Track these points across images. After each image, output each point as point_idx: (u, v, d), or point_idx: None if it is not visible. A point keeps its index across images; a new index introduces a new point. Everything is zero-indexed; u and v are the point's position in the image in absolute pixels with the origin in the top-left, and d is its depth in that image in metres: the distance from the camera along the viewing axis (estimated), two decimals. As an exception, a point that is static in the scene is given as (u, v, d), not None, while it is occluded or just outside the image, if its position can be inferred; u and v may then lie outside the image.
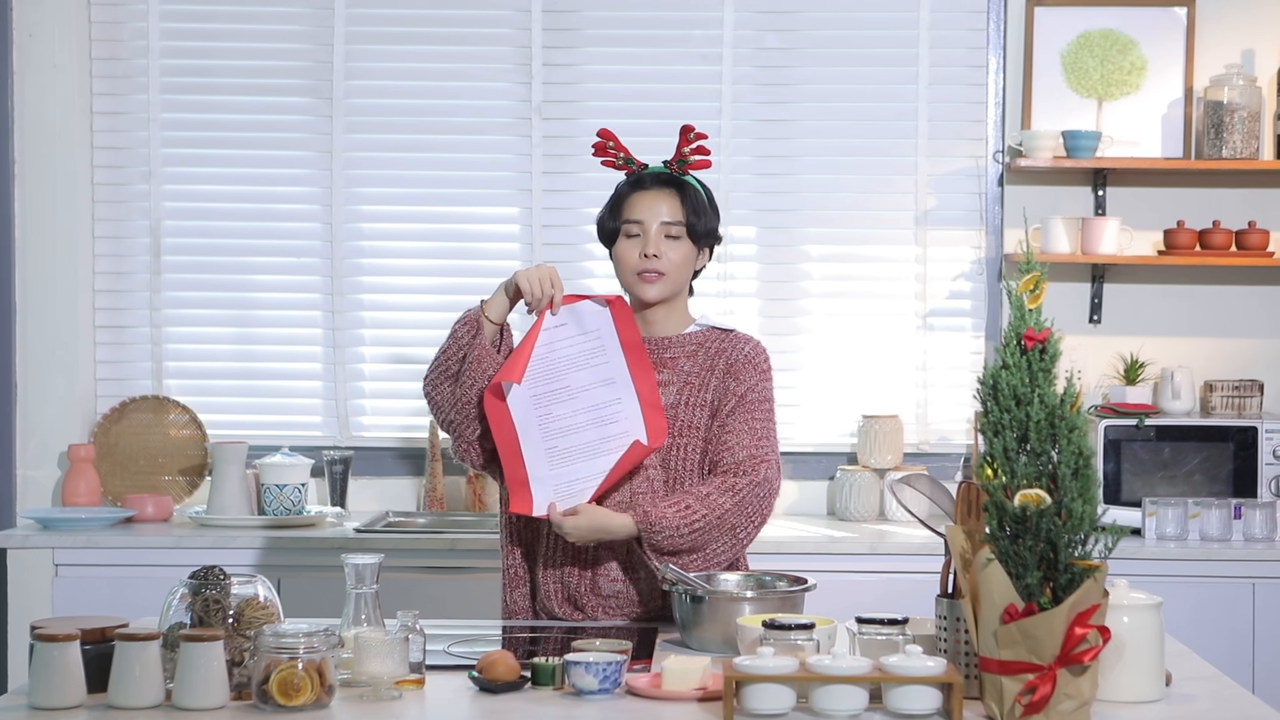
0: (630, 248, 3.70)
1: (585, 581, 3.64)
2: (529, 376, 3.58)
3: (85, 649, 2.87)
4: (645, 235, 3.68)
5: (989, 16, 5.60)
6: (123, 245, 5.71)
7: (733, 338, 3.78)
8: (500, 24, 5.68)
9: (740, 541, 3.63)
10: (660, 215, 3.69)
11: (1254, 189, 5.55)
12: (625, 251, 3.71)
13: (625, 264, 3.71)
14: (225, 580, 2.97)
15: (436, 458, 5.58)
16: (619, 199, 3.74)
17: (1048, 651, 2.72)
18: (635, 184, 3.74)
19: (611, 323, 3.62)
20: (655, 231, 3.68)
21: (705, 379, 3.72)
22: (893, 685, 2.79)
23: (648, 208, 3.70)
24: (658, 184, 3.73)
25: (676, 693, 2.94)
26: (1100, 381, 5.57)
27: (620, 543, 3.62)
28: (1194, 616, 4.97)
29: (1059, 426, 2.77)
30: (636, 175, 3.76)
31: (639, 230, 3.69)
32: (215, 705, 2.82)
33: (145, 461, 5.60)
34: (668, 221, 3.69)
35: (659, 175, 3.75)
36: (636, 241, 3.70)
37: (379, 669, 2.91)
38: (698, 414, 3.70)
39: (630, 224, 3.70)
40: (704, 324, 3.79)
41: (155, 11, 5.67)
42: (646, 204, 3.70)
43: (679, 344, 3.74)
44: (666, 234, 3.69)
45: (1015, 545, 2.75)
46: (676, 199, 3.71)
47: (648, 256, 3.67)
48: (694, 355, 3.73)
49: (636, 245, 3.69)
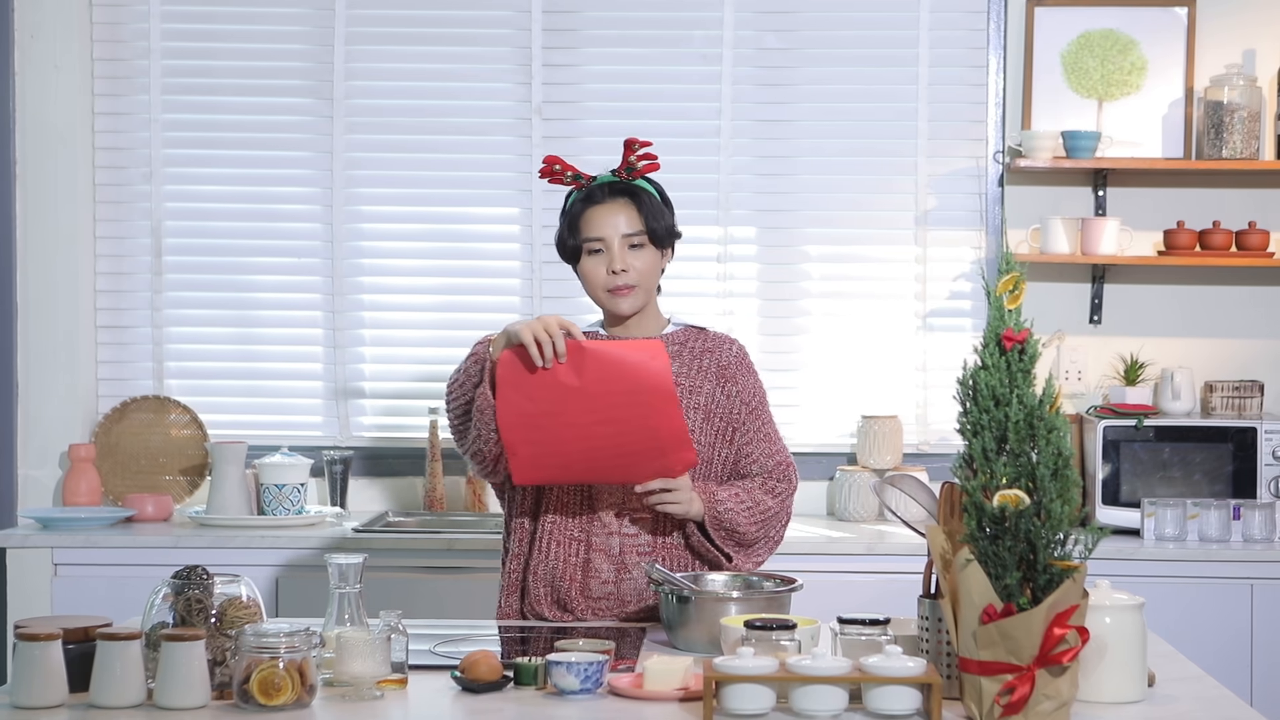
0: (596, 264, 3.66)
1: (575, 585, 3.64)
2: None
3: (68, 648, 2.88)
4: (609, 250, 3.64)
5: (989, 16, 5.59)
6: (124, 245, 5.73)
7: (713, 338, 3.79)
8: (500, 24, 5.69)
9: (774, 543, 3.68)
10: (620, 228, 3.64)
11: (1254, 189, 5.54)
12: (591, 269, 3.67)
13: (594, 281, 3.67)
14: (208, 580, 2.98)
15: (436, 458, 5.59)
16: (574, 216, 3.67)
17: (1026, 652, 2.72)
18: (588, 198, 3.68)
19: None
20: (618, 245, 3.64)
21: (697, 382, 3.72)
22: (872, 685, 2.79)
23: (607, 222, 3.65)
24: (612, 195, 3.67)
25: (658, 693, 2.94)
26: (1100, 382, 5.57)
27: (613, 543, 3.63)
28: (1192, 617, 4.96)
29: (1038, 427, 2.76)
30: (587, 189, 3.69)
31: (601, 246, 3.65)
32: (196, 705, 2.82)
33: (146, 461, 5.61)
34: (628, 233, 3.65)
35: (612, 186, 3.68)
36: (601, 258, 3.65)
37: (361, 669, 2.91)
38: (692, 418, 3.70)
39: (592, 241, 3.65)
40: (679, 323, 3.80)
41: (156, 12, 5.68)
42: (604, 218, 3.65)
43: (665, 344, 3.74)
44: (630, 244, 3.65)
45: (994, 546, 2.74)
46: (633, 207, 3.66)
47: (616, 273, 3.64)
48: (679, 356, 3.73)
49: (602, 261, 3.65)
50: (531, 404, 3.43)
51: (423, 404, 5.65)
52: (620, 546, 3.64)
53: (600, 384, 3.44)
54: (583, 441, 3.46)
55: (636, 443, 3.48)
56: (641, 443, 3.48)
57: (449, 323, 5.73)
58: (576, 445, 3.47)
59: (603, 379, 3.43)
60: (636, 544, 3.65)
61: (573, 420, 3.44)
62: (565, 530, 3.66)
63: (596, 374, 3.43)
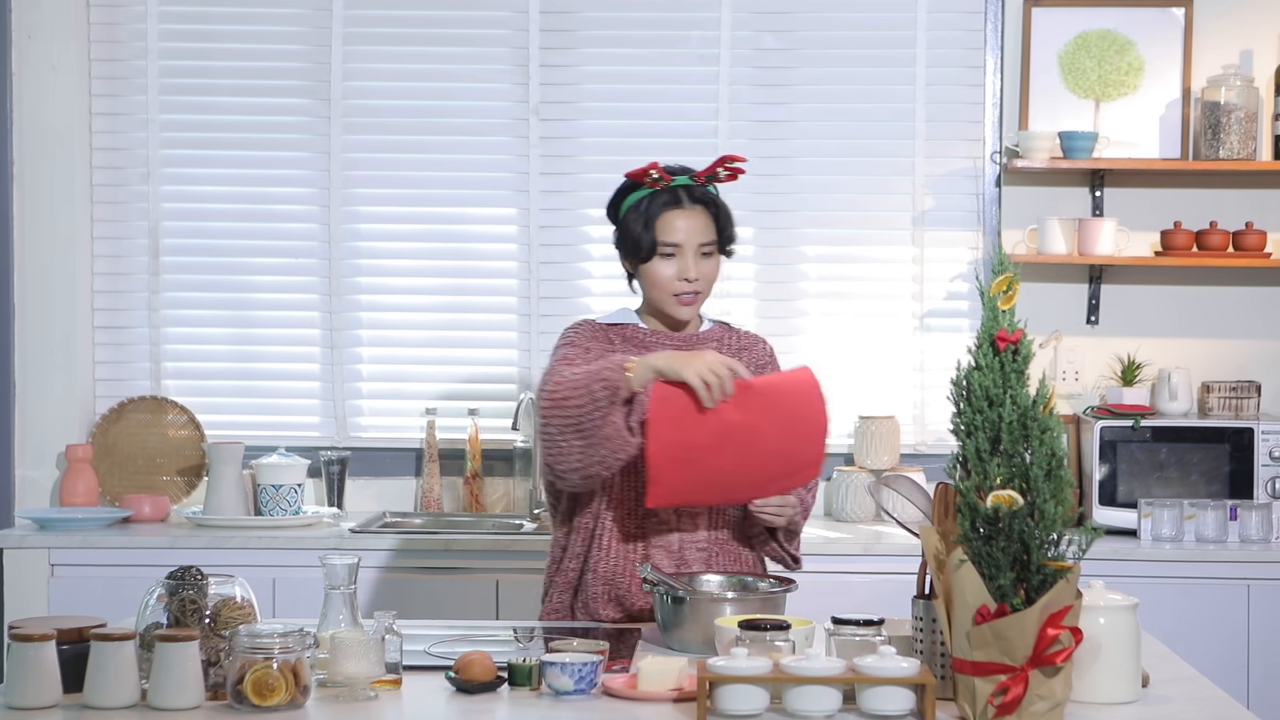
0: (666, 267, 3.66)
1: (636, 582, 3.64)
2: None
3: (62, 649, 2.89)
4: (683, 257, 3.66)
5: (986, 17, 5.59)
6: (121, 246, 5.73)
7: (744, 336, 3.86)
8: (498, 25, 5.69)
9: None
10: (697, 237, 3.66)
11: (1251, 190, 5.54)
12: (661, 271, 3.67)
13: (660, 283, 3.68)
14: (202, 580, 2.98)
15: (434, 458, 5.59)
16: (652, 216, 3.66)
17: (1020, 652, 2.72)
18: (670, 201, 3.67)
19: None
20: (693, 252, 3.66)
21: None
22: (866, 686, 2.79)
23: (685, 229, 3.66)
24: (692, 201, 3.67)
25: (652, 693, 2.94)
26: (1097, 382, 5.57)
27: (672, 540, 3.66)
28: (1189, 618, 4.96)
29: (1031, 428, 2.77)
30: (671, 193, 3.68)
31: (675, 251, 3.66)
32: (190, 705, 2.83)
33: (143, 462, 5.61)
34: (703, 241, 3.67)
35: (692, 192, 3.68)
36: (673, 262, 3.66)
37: (355, 669, 2.92)
38: None
39: (668, 245, 3.66)
40: (711, 320, 3.84)
41: (154, 13, 5.68)
42: (684, 225, 3.66)
43: (702, 341, 3.78)
44: (702, 252, 3.67)
45: (988, 546, 2.75)
46: (710, 217, 3.69)
47: (690, 280, 3.66)
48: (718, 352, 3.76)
49: (673, 265, 3.66)
50: (688, 438, 3.41)
51: (420, 404, 5.65)
52: (679, 543, 3.66)
53: (764, 417, 3.44)
54: (732, 470, 3.48)
55: (778, 467, 3.53)
56: (782, 467, 3.53)
57: (446, 323, 5.74)
58: (725, 473, 3.48)
59: (767, 412, 3.44)
60: (694, 539, 3.68)
61: (730, 453, 3.44)
62: (625, 528, 3.67)
63: (761, 408, 3.43)
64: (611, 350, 3.70)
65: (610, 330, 3.76)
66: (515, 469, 5.65)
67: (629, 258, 3.73)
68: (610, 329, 3.76)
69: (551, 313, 5.68)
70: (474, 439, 5.60)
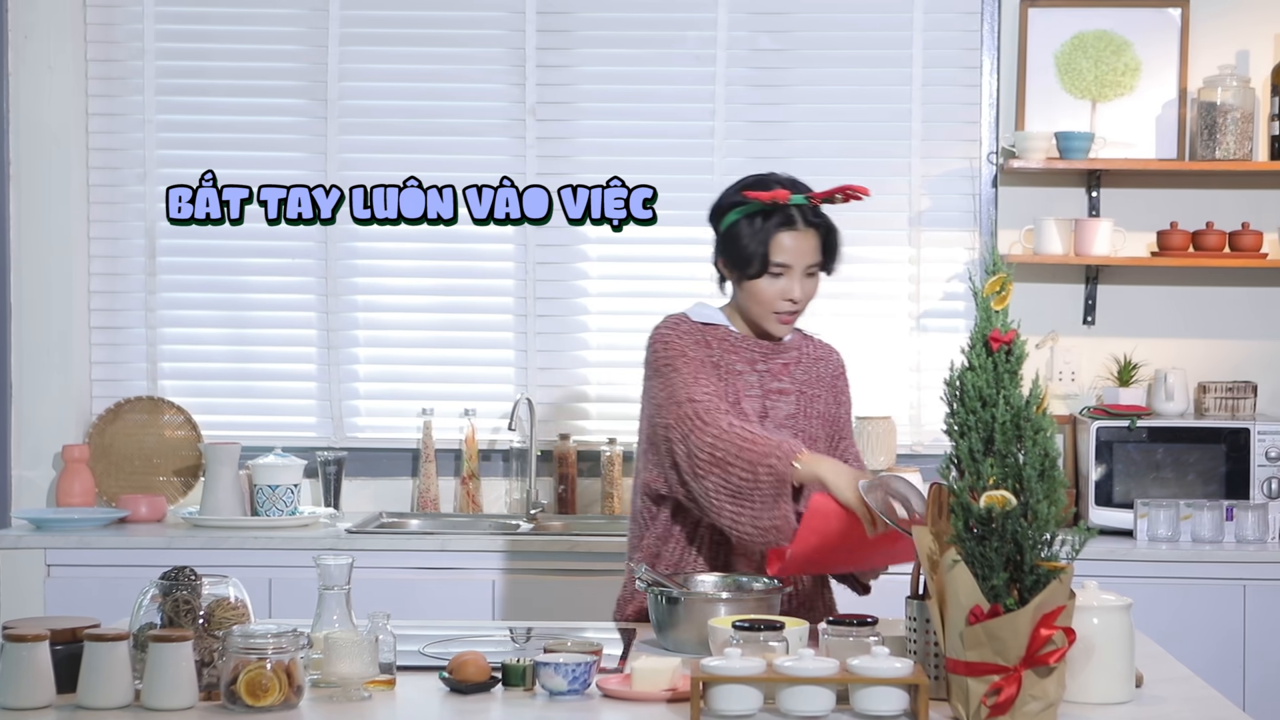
0: (772, 285, 3.66)
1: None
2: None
3: (55, 649, 2.88)
4: (790, 278, 3.65)
5: (983, 17, 5.59)
6: (118, 246, 5.73)
7: (819, 345, 3.89)
8: (494, 25, 5.69)
9: None
10: (806, 258, 3.66)
11: (1247, 190, 5.54)
12: (766, 289, 3.66)
13: (763, 300, 3.67)
14: (196, 581, 2.98)
15: (430, 459, 5.59)
16: (768, 233, 3.64)
17: (1013, 653, 2.72)
18: (785, 222, 3.65)
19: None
20: (800, 274, 3.66)
21: (816, 390, 3.80)
22: (859, 686, 2.79)
23: (797, 251, 3.65)
24: (805, 224, 3.66)
25: (646, 693, 2.94)
26: (1094, 383, 5.57)
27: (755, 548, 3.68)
28: (1185, 618, 4.96)
29: (1025, 428, 2.76)
30: (785, 213, 3.65)
31: (783, 271, 3.66)
32: (184, 706, 2.82)
33: (140, 462, 5.61)
34: (810, 263, 3.67)
35: (805, 214, 3.66)
36: (779, 281, 3.66)
37: (348, 669, 2.92)
38: (815, 424, 3.78)
39: (779, 265, 3.65)
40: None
41: (150, 13, 5.68)
42: (796, 247, 3.65)
43: (786, 349, 3.79)
44: (807, 273, 3.68)
45: (981, 547, 2.75)
46: (819, 240, 3.68)
47: (794, 301, 3.67)
48: (799, 362, 3.80)
49: (778, 285, 3.66)
50: (824, 543, 3.45)
51: (416, 405, 5.65)
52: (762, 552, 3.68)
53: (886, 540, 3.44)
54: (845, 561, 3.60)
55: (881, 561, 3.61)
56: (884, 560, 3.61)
57: (442, 324, 5.74)
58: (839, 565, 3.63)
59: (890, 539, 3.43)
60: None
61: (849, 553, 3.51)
62: (716, 533, 3.68)
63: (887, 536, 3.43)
64: (709, 354, 3.71)
65: (706, 330, 3.75)
66: (512, 469, 5.65)
67: (734, 270, 3.71)
68: (706, 329, 3.76)
69: (548, 313, 5.69)
70: (470, 439, 5.60)
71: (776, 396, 3.75)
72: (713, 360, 3.71)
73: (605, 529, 5.39)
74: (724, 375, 3.71)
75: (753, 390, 3.73)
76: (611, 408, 5.68)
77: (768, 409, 3.73)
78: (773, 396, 3.75)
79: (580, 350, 5.71)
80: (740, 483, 3.49)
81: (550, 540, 5.18)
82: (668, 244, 5.67)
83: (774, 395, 3.75)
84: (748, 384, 3.73)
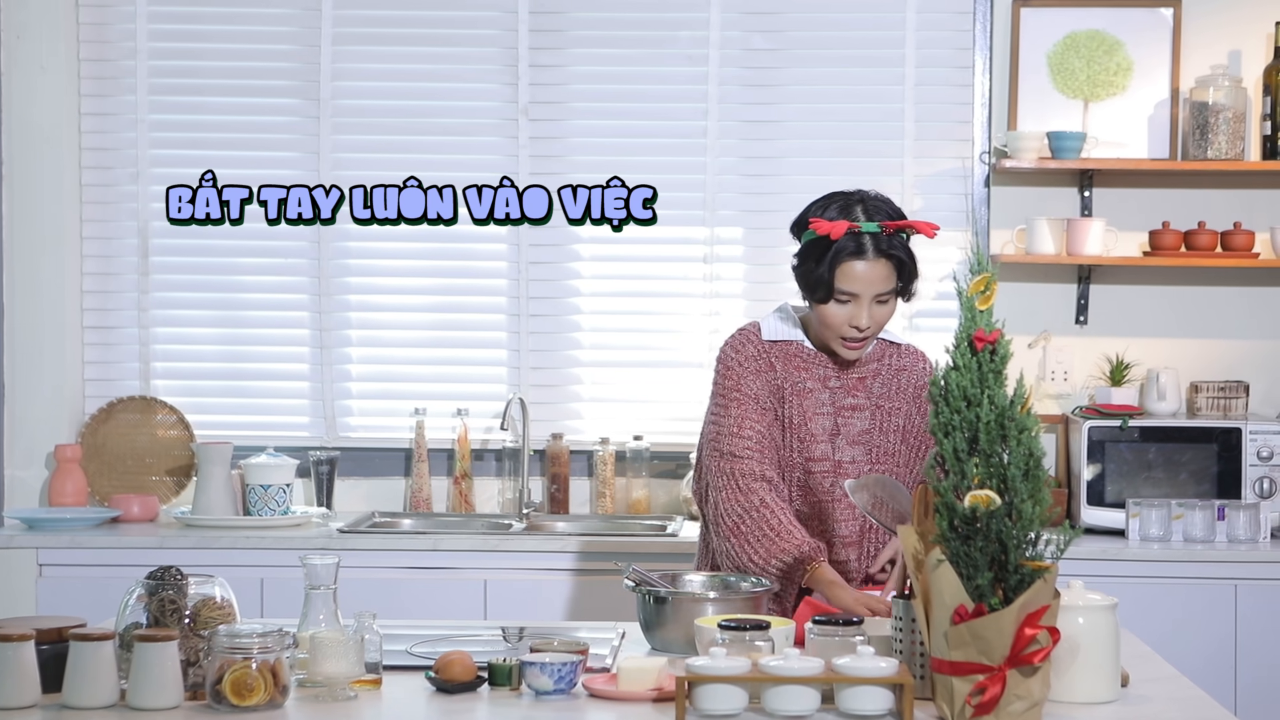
0: (840, 311, 3.64)
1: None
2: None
3: (41, 649, 2.89)
4: (858, 306, 3.63)
5: (975, 17, 5.59)
6: (111, 246, 5.73)
7: (906, 353, 3.84)
8: (487, 25, 5.69)
9: None
10: (876, 287, 3.63)
11: (1239, 190, 5.54)
12: (835, 314, 3.65)
13: (831, 325, 3.66)
14: (182, 580, 2.99)
15: (423, 458, 5.59)
16: (836, 259, 3.61)
17: (997, 652, 2.72)
18: (856, 251, 3.62)
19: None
20: (868, 302, 3.64)
21: (894, 403, 3.78)
22: (844, 686, 2.79)
23: (865, 280, 3.62)
24: (877, 253, 3.62)
25: (632, 693, 2.94)
26: (1086, 382, 5.57)
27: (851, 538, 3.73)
28: (1177, 618, 4.96)
29: (1009, 428, 2.76)
30: (858, 240, 3.62)
31: (851, 299, 3.63)
32: (169, 705, 2.83)
33: (132, 462, 5.61)
34: (881, 292, 3.64)
35: (878, 242, 3.62)
36: (847, 308, 3.64)
37: (334, 669, 2.92)
38: (892, 439, 3.77)
39: (845, 294, 3.63)
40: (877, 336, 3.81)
41: (143, 13, 5.68)
42: (865, 275, 3.62)
43: (864, 363, 3.78)
44: (877, 300, 3.64)
45: (966, 546, 2.75)
46: (892, 269, 3.64)
47: (860, 329, 3.64)
48: (878, 375, 3.78)
49: (846, 311, 3.64)
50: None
51: (408, 404, 5.65)
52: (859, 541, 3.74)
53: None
54: None
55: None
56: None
57: (436, 323, 5.74)
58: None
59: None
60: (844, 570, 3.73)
61: None
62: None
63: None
64: (773, 378, 3.71)
65: (774, 349, 3.74)
66: (504, 469, 5.65)
67: (804, 291, 3.71)
68: (773, 348, 3.74)
69: (541, 312, 5.69)
70: (463, 439, 5.60)
71: (849, 413, 3.75)
72: (775, 384, 3.71)
73: (598, 529, 5.40)
74: (789, 396, 3.71)
75: (824, 408, 3.73)
76: (604, 407, 5.69)
77: (839, 426, 3.74)
78: (845, 413, 3.75)
79: (573, 350, 5.71)
80: (749, 562, 3.58)
81: (543, 540, 5.18)
82: (660, 244, 5.68)
83: (846, 412, 3.75)
84: (818, 402, 3.73)
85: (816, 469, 3.72)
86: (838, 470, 3.72)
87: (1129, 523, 5.10)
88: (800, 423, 3.70)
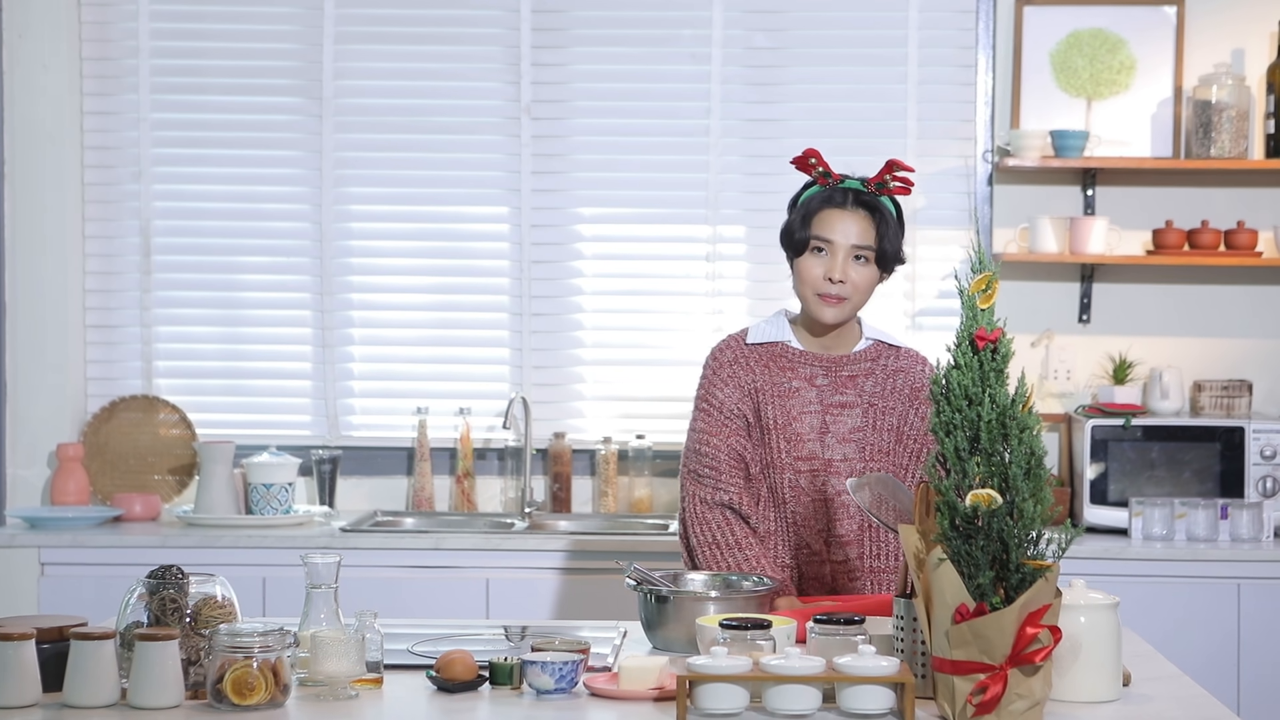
0: (815, 264, 3.64)
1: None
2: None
3: (42, 648, 2.88)
4: (833, 256, 3.62)
5: (978, 16, 5.59)
6: (113, 245, 5.73)
7: (905, 355, 3.81)
8: (489, 24, 5.69)
9: None
10: (851, 238, 3.62)
11: (1242, 188, 5.54)
12: (809, 267, 3.65)
13: (807, 280, 3.66)
14: (183, 579, 2.98)
15: (425, 457, 5.59)
16: (810, 211, 3.65)
17: (999, 651, 2.72)
18: (829, 199, 3.65)
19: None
20: (844, 254, 3.63)
21: (888, 402, 3.76)
22: (846, 685, 2.79)
23: (840, 228, 3.63)
24: (854, 203, 3.64)
25: (633, 692, 2.94)
26: (1089, 381, 5.56)
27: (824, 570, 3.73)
28: (1179, 617, 4.96)
29: (1010, 426, 2.76)
30: (831, 189, 3.67)
31: (826, 248, 3.63)
32: (170, 704, 2.82)
33: (135, 461, 5.62)
34: (858, 245, 3.63)
35: (856, 194, 3.65)
36: (822, 259, 3.63)
37: (335, 668, 2.91)
38: (886, 438, 3.75)
39: (820, 240, 3.63)
40: (873, 337, 3.80)
41: (145, 12, 5.68)
42: (839, 223, 3.63)
43: (855, 361, 3.76)
44: (854, 256, 3.63)
45: (967, 545, 2.74)
46: (870, 222, 3.64)
47: (833, 281, 3.63)
48: (871, 374, 3.76)
49: (822, 263, 3.64)
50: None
51: (411, 403, 5.65)
52: (831, 572, 3.72)
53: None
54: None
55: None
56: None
57: (438, 321, 5.74)
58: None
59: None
60: (846, 569, 3.74)
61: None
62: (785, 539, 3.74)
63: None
64: (752, 381, 3.72)
65: (756, 352, 3.74)
66: (506, 468, 5.65)
67: (786, 251, 3.71)
68: (756, 350, 3.74)
69: (543, 311, 5.69)
70: (465, 438, 5.60)
71: (839, 410, 3.73)
72: (751, 387, 3.70)
73: (600, 528, 5.40)
74: (771, 398, 3.70)
75: (811, 406, 3.72)
76: (606, 406, 5.69)
77: (828, 424, 3.73)
78: (834, 410, 3.73)
79: (575, 349, 5.71)
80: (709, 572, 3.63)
81: (545, 539, 5.18)
82: (663, 242, 5.68)
83: (835, 409, 3.73)
84: (805, 401, 3.72)
85: (806, 468, 3.71)
86: (829, 469, 3.71)
87: (1132, 522, 5.10)
88: (785, 423, 3.70)
